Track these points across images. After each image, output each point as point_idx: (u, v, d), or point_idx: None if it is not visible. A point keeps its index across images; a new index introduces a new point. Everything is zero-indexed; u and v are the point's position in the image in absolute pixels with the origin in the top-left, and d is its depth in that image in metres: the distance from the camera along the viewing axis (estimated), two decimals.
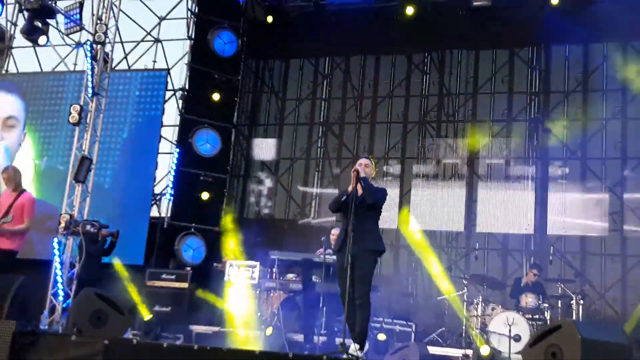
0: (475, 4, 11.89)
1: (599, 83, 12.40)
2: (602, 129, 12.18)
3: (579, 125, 12.32)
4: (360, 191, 6.24)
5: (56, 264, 9.49)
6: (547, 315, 9.06)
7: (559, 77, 12.67)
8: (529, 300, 9.19)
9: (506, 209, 12.32)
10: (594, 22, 11.87)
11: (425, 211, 12.82)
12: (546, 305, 9.14)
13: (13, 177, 7.94)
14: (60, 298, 9.31)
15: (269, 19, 13.21)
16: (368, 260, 6.28)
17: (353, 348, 6.17)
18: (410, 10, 12.27)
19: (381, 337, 8.41)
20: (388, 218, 12.45)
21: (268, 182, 14.12)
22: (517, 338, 8.47)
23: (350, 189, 6.26)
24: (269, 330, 8.22)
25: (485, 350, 8.39)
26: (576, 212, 11.93)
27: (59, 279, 9.41)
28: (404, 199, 13.05)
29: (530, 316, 8.96)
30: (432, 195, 12.86)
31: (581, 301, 9.15)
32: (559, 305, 9.32)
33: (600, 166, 12.06)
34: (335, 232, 9.02)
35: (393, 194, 12.84)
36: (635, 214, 11.52)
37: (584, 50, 12.54)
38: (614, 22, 11.85)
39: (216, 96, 12.85)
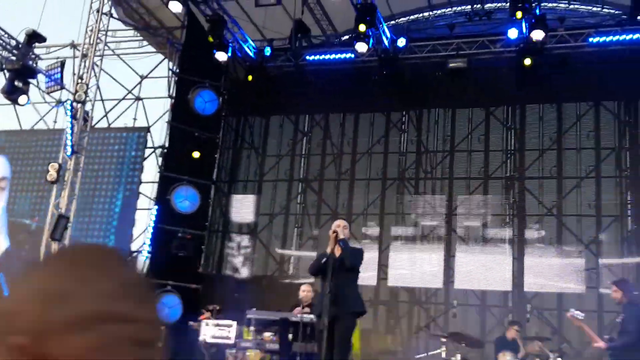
0: (451, 65, 12.19)
1: (573, 141, 12.66)
2: (576, 187, 12.38)
3: (554, 183, 12.53)
4: (338, 253, 6.28)
5: None
6: None
7: (533, 135, 12.93)
8: (507, 358, 9.14)
9: (484, 266, 12.39)
10: (567, 83, 12.25)
11: (403, 267, 12.85)
12: None
13: None
14: None
15: (250, 77, 13.40)
16: (348, 322, 6.28)
17: None
18: (387, 71, 12.51)
19: None
20: (366, 275, 12.45)
21: (246, 239, 14.11)
22: None
23: (329, 250, 6.28)
24: None
25: None
26: (553, 269, 12.02)
27: None
28: (383, 256, 13.08)
29: None
30: (410, 252, 12.92)
31: (559, 359, 9.11)
32: None
33: (576, 224, 12.21)
34: (304, 288, 9.01)
35: (372, 249, 12.88)
36: (611, 271, 11.62)
37: (558, 110, 12.85)
38: (586, 83, 12.24)
39: (196, 154, 12.89)
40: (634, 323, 6.55)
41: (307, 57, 13.22)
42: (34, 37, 11.12)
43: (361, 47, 11.63)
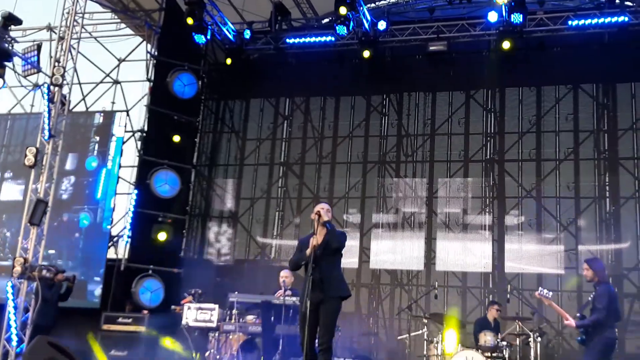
0: (431, 48, 12.21)
1: (552, 124, 12.75)
2: (555, 169, 12.49)
3: (533, 165, 12.63)
4: (322, 236, 6.28)
5: (9, 308, 9.24)
6: (506, 353, 9.13)
7: (513, 118, 13.01)
8: (487, 338, 9.24)
9: (464, 247, 12.50)
10: (546, 66, 12.34)
11: (385, 250, 12.92)
12: (505, 343, 9.21)
13: None
14: (14, 343, 9.06)
15: (229, 61, 13.29)
16: (333, 306, 6.29)
17: None
18: (367, 54, 12.47)
19: None
20: (349, 257, 12.52)
21: (227, 223, 14.06)
22: None
23: (308, 251, 6.25)
24: None
25: None
26: (532, 251, 12.16)
27: (12, 323, 9.16)
28: (365, 239, 13.13)
29: (489, 354, 9.02)
30: (392, 235, 12.98)
31: (539, 339, 9.24)
32: (517, 342, 9.40)
33: (555, 205, 12.33)
34: (284, 274, 9.01)
35: (354, 235, 12.93)
36: (590, 251, 11.77)
37: (537, 93, 12.91)
38: (564, 66, 12.33)
39: (176, 137, 12.79)
40: (603, 301, 6.67)
41: (287, 40, 13.15)
42: (10, 20, 10.90)
43: (341, 30, 11.61)
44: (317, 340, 6.22)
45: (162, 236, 12.26)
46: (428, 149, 13.37)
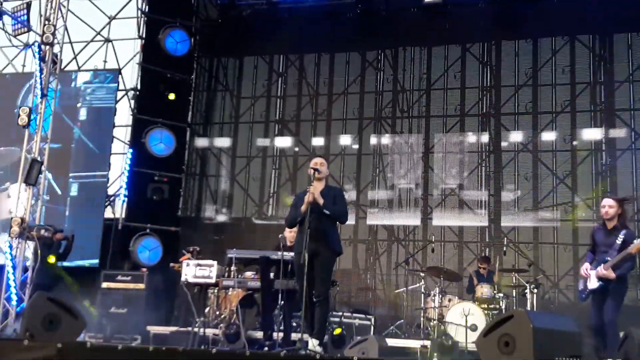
0: (426, 1, 12.05)
1: (548, 77, 12.66)
2: (552, 122, 12.45)
3: (529, 118, 12.58)
4: (317, 193, 6.30)
5: (8, 268, 9.29)
6: (502, 304, 9.23)
7: (509, 71, 12.90)
8: (484, 290, 9.34)
9: (461, 202, 12.53)
10: (542, 18, 12.18)
11: (382, 205, 12.96)
12: (501, 295, 9.31)
13: None
14: (14, 302, 9.12)
15: (221, 18, 13.10)
16: (328, 258, 6.34)
17: (312, 343, 6.21)
18: (361, 8, 12.28)
19: (337, 331, 8.43)
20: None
21: (224, 181, 14.05)
22: (474, 328, 8.61)
23: (303, 208, 6.25)
24: None
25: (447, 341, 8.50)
26: (529, 204, 12.20)
27: (11, 283, 9.21)
28: (362, 195, 13.15)
29: (485, 306, 9.12)
30: (389, 191, 12.99)
31: (535, 290, 9.33)
32: (514, 294, 9.50)
33: (552, 158, 12.33)
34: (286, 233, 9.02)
35: (350, 189, 12.95)
36: (586, 203, 11.83)
37: (533, 45, 12.79)
38: (561, 17, 12.18)
39: (169, 95, 12.68)
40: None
41: None
42: None
43: None
44: (313, 293, 6.29)
45: (159, 195, 12.29)
46: (424, 104, 13.29)
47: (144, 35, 12.90)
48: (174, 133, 12.62)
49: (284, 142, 13.95)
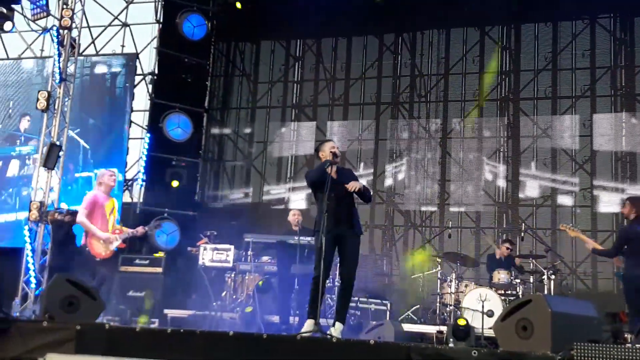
0: None
1: (568, 61, 12.50)
2: (571, 107, 12.31)
3: (548, 103, 12.45)
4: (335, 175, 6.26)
5: (27, 251, 9.39)
6: (520, 290, 9.17)
7: (528, 55, 12.76)
8: (501, 276, 9.29)
9: (478, 188, 12.46)
10: (563, 0, 12.00)
11: (399, 191, 12.92)
12: (518, 280, 9.26)
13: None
14: (33, 285, 9.23)
15: (238, 4, 13.06)
16: (354, 242, 6.32)
17: (336, 328, 6.17)
18: None
19: (461, 321, 8.42)
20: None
21: (241, 166, 14.07)
22: (490, 313, 8.56)
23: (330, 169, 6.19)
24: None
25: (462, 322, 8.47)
26: (548, 189, 12.11)
27: (30, 266, 9.31)
28: (378, 181, 13.12)
29: (502, 292, 9.06)
30: (406, 176, 12.95)
31: (552, 276, 9.27)
32: (531, 280, 9.45)
33: (570, 143, 12.20)
34: (294, 211, 9.04)
35: (367, 174, 12.92)
36: (606, 190, 11.70)
37: (553, 29, 12.62)
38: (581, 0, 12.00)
39: (187, 80, 12.70)
40: None
41: None
42: None
43: None
44: (337, 277, 6.24)
45: (176, 180, 12.38)
46: (442, 89, 13.19)
47: (161, 20, 12.90)
48: (191, 118, 12.65)
49: (300, 127, 13.91)
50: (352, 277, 6.26)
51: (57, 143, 9.70)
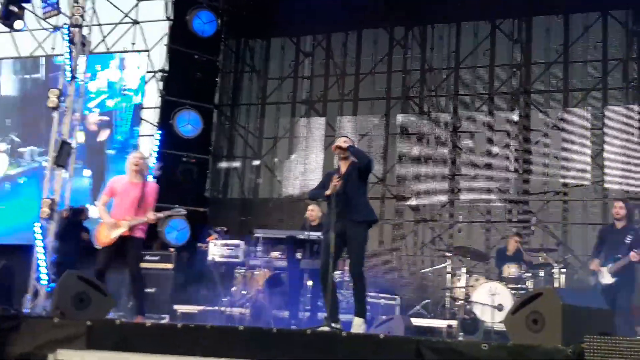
0: None
1: (580, 54, 12.41)
2: (583, 100, 12.22)
3: (560, 96, 12.37)
4: (345, 167, 6.26)
5: (38, 248, 9.46)
6: (530, 284, 9.13)
7: (539, 48, 12.67)
8: (511, 270, 9.25)
9: (489, 182, 12.39)
10: None
11: (409, 185, 12.89)
12: (529, 274, 9.21)
13: (146, 164, 7.67)
14: (44, 282, 9.29)
15: None
16: (359, 232, 6.28)
17: (356, 323, 6.19)
18: None
19: None
20: (372, 193, 12.51)
21: (251, 162, 14.08)
22: (500, 308, 8.53)
23: (328, 192, 6.20)
24: None
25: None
26: (558, 184, 12.03)
27: (41, 263, 9.38)
28: (388, 175, 13.09)
29: (513, 286, 9.03)
30: (416, 170, 12.91)
31: (563, 270, 9.22)
32: (541, 274, 9.39)
33: (582, 137, 12.11)
34: (312, 207, 9.04)
35: (377, 169, 12.87)
36: (618, 183, 11.61)
37: (565, 21, 12.53)
38: None
39: (197, 77, 12.75)
40: None
41: None
42: None
43: None
44: (348, 271, 6.24)
45: (187, 176, 12.44)
46: (452, 82, 13.13)
47: (171, 17, 12.94)
48: (201, 114, 12.69)
49: (310, 122, 13.91)
50: (357, 270, 6.25)
51: (68, 141, 9.76)
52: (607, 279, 7.18)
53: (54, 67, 13.43)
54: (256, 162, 13.85)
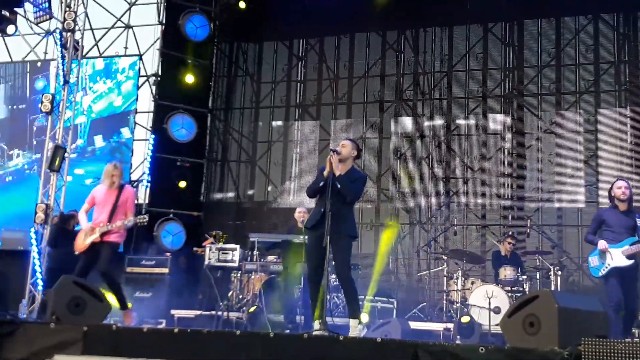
0: None
1: (572, 57, 12.47)
2: (575, 103, 12.28)
3: (552, 99, 12.43)
4: (337, 173, 6.23)
5: (34, 253, 9.42)
6: (526, 287, 9.15)
7: (532, 51, 12.73)
8: (507, 273, 9.28)
9: (483, 184, 12.44)
10: None
11: (403, 189, 12.90)
12: (525, 277, 9.24)
13: (121, 173, 7.78)
14: (40, 287, 9.25)
15: (242, 4, 13.08)
16: (345, 243, 6.26)
17: (352, 325, 6.16)
18: None
19: (465, 319, 8.45)
20: (368, 196, 12.56)
21: (245, 166, 14.07)
22: (497, 310, 8.55)
23: (326, 172, 6.21)
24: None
25: (465, 319, 8.50)
26: (552, 186, 12.07)
27: (37, 268, 9.34)
28: (383, 178, 13.11)
29: (509, 288, 9.05)
30: (410, 173, 12.93)
31: (559, 272, 9.25)
32: (537, 277, 9.42)
33: (575, 139, 12.16)
34: (300, 209, 9.04)
35: (371, 172, 12.90)
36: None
37: (556, 24, 12.59)
38: None
39: (190, 80, 12.74)
40: None
41: None
42: None
43: None
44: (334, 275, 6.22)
45: (182, 181, 12.41)
46: (445, 86, 13.17)
47: (164, 21, 12.93)
48: (195, 118, 12.68)
49: (304, 126, 13.92)
50: (345, 275, 6.22)
51: (62, 145, 9.73)
52: (621, 260, 7.09)
53: (36, 70, 13.43)
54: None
